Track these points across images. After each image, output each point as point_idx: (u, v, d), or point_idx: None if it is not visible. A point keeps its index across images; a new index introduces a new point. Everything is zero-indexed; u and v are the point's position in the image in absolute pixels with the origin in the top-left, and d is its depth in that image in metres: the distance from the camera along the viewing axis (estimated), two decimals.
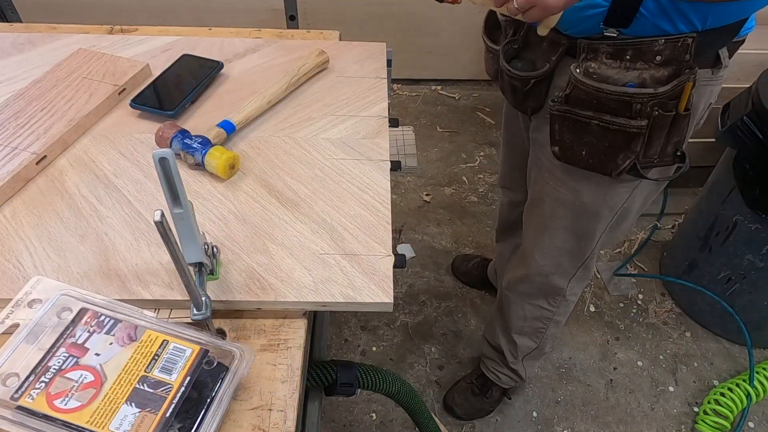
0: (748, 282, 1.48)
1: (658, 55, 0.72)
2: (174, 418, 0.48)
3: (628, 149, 0.79)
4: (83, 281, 0.61)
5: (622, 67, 0.74)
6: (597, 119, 0.78)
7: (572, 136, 0.83)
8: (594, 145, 0.81)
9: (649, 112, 0.75)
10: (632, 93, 0.74)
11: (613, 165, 0.82)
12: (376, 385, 0.79)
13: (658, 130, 0.77)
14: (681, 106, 0.75)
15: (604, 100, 0.76)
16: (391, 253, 0.65)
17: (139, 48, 0.96)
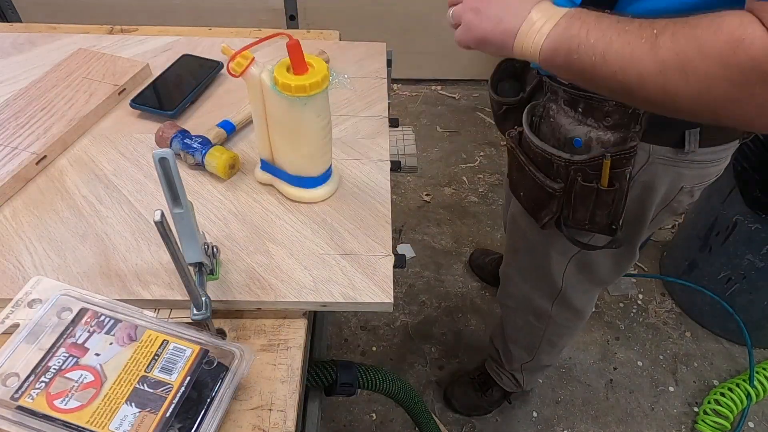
0: (748, 282, 1.48)
1: (607, 116, 0.67)
2: (174, 418, 0.48)
3: (547, 207, 0.78)
4: (83, 281, 0.61)
5: (576, 118, 0.71)
6: (528, 168, 0.77)
7: (516, 175, 0.83)
8: (528, 191, 0.81)
9: (570, 176, 0.72)
10: (551, 153, 0.72)
11: (539, 216, 0.81)
12: (376, 385, 0.79)
13: (579, 197, 0.73)
14: (602, 181, 0.70)
15: (534, 151, 0.75)
16: (391, 253, 0.65)
17: (139, 48, 0.96)
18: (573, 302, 1.04)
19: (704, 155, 0.71)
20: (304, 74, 0.59)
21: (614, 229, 0.75)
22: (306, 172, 0.68)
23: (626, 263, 0.92)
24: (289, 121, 0.62)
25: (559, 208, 0.76)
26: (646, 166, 0.72)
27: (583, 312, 1.08)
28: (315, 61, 0.61)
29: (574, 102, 0.70)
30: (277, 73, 0.59)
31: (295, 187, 0.70)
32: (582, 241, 0.82)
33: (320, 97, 0.61)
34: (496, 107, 0.88)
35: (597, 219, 0.75)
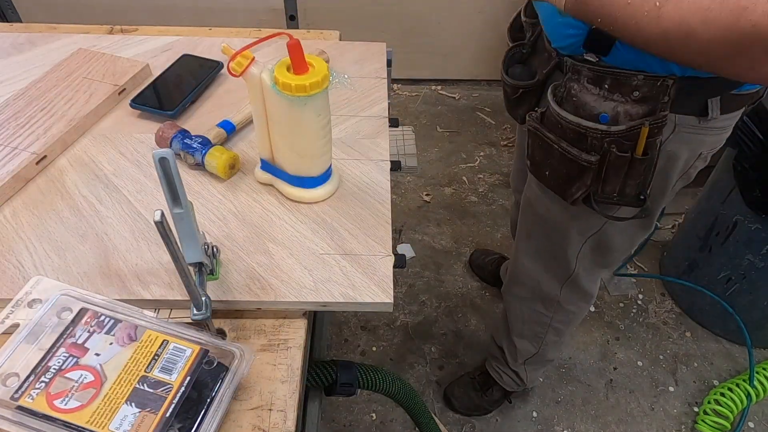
0: (748, 282, 1.48)
1: (635, 90, 0.69)
2: (174, 418, 0.48)
3: (580, 180, 0.78)
4: (83, 281, 0.61)
5: (601, 95, 0.72)
6: (557, 144, 0.77)
7: (541, 154, 0.83)
8: (555, 169, 0.81)
9: (605, 148, 0.73)
10: (586, 126, 0.73)
11: (568, 192, 0.81)
12: (376, 385, 0.79)
13: (613, 168, 0.74)
14: (638, 149, 0.71)
15: (564, 127, 0.75)
16: (391, 253, 0.65)
17: (139, 48, 0.96)
18: (582, 284, 1.06)
19: (722, 121, 0.74)
20: (305, 74, 0.59)
21: (643, 200, 0.78)
22: (306, 171, 0.68)
23: (640, 237, 0.95)
24: (289, 121, 0.62)
25: (593, 180, 0.77)
26: (672, 135, 0.74)
27: (590, 294, 1.10)
28: (315, 61, 0.61)
29: (599, 79, 0.71)
30: (278, 73, 0.59)
31: (295, 187, 0.70)
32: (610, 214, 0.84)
33: (320, 96, 0.61)
34: (510, 91, 0.88)
35: (627, 190, 0.77)
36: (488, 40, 2.34)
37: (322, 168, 0.69)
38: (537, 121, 0.80)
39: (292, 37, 0.58)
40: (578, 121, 0.73)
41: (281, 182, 0.71)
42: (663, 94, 0.68)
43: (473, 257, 1.79)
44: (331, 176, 0.72)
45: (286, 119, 0.62)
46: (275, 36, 0.62)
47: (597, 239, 0.94)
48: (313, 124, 0.63)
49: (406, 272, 1.79)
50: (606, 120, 0.72)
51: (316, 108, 0.61)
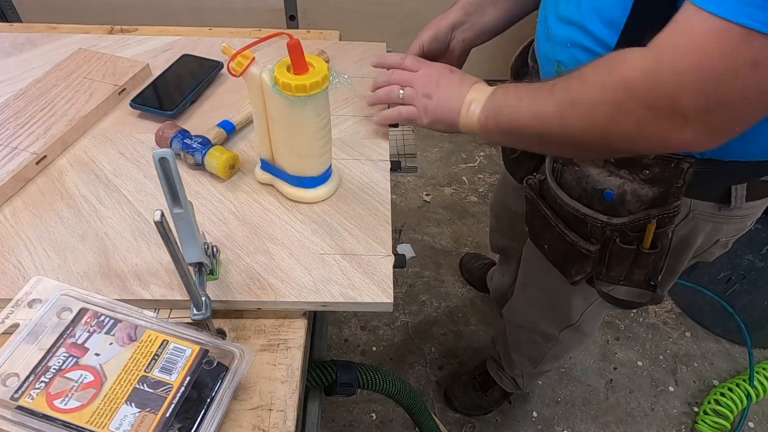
0: (748, 282, 1.48)
1: (645, 169, 0.62)
2: (174, 418, 0.48)
3: (580, 266, 0.72)
4: (83, 281, 0.61)
5: (606, 169, 0.65)
6: (555, 223, 0.72)
7: (539, 227, 0.78)
8: (554, 246, 0.75)
9: (607, 236, 0.67)
10: (584, 213, 0.67)
11: (569, 273, 0.75)
12: (376, 385, 0.79)
13: (617, 258, 0.68)
14: (645, 243, 0.65)
15: (562, 208, 0.70)
16: (391, 253, 0.65)
17: (139, 48, 0.95)
18: (585, 330, 1.02)
19: (747, 209, 0.67)
20: (305, 74, 0.59)
21: (653, 285, 0.71)
22: (306, 171, 0.68)
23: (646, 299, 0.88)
24: (289, 121, 0.62)
25: (594, 268, 0.71)
26: (684, 221, 0.68)
27: (591, 334, 1.07)
28: (315, 61, 0.61)
29: None
30: (278, 73, 0.59)
31: (295, 187, 0.70)
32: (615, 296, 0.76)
33: (320, 96, 0.61)
34: (509, 151, 0.87)
35: (634, 276, 0.71)
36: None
37: (322, 168, 0.69)
38: (535, 191, 0.76)
39: (292, 37, 0.58)
40: (576, 206, 0.68)
41: (281, 182, 0.71)
42: (677, 178, 0.60)
43: (464, 260, 1.78)
44: (331, 176, 0.72)
45: (286, 119, 0.62)
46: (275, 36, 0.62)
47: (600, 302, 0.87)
48: (313, 124, 0.63)
49: (406, 272, 1.79)
50: (611, 197, 0.65)
51: (316, 108, 0.61)
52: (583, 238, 0.69)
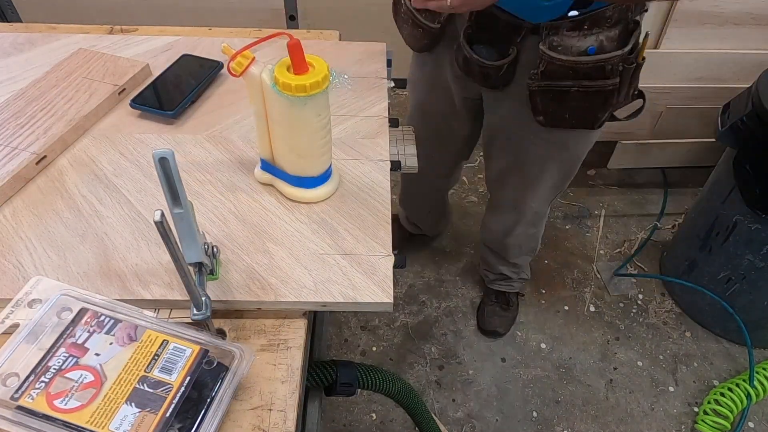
0: (748, 282, 1.48)
1: (609, 19, 0.83)
2: (174, 418, 0.48)
3: (606, 104, 0.91)
4: (83, 281, 0.61)
5: (581, 35, 0.84)
6: (576, 86, 0.88)
7: (555, 104, 0.93)
8: (576, 108, 0.93)
9: (619, 70, 0.87)
10: (605, 59, 0.85)
11: (595, 119, 0.95)
12: (376, 385, 0.79)
13: (625, 81, 0.90)
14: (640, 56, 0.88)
15: (581, 69, 0.86)
16: (391, 253, 0.65)
17: (139, 48, 0.95)
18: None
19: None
20: (305, 74, 0.59)
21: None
22: (305, 171, 0.68)
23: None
24: (289, 121, 0.62)
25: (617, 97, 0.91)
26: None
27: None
28: (315, 61, 0.61)
29: (578, 25, 0.83)
30: (278, 73, 0.59)
31: (295, 187, 0.70)
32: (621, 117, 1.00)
33: (320, 96, 0.61)
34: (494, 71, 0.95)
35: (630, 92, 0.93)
36: None
37: (322, 168, 0.69)
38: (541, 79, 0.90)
39: (292, 37, 0.58)
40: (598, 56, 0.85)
41: (281, 182, 0.71)
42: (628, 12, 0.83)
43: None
44: (331, 176, 0.72)
45: (286, 119, 0.62)
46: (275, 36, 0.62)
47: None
48: (313, 124, 0.63)
49: (406, 272, 1.79)
50: (593, 51, 0.85)
51: (316, 108, 0.61)
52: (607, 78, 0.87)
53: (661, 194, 2.05)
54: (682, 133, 1.83)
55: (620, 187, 2.09)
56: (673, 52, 1.58)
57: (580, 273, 1.81)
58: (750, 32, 1.56)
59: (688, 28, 1.52)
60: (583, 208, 2.01)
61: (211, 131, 0.81)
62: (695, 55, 1.59)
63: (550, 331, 1.66)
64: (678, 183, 2.08)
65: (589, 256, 1.86)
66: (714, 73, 1.65)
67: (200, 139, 0.79)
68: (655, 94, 1.68)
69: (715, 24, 1.52)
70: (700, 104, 1.72)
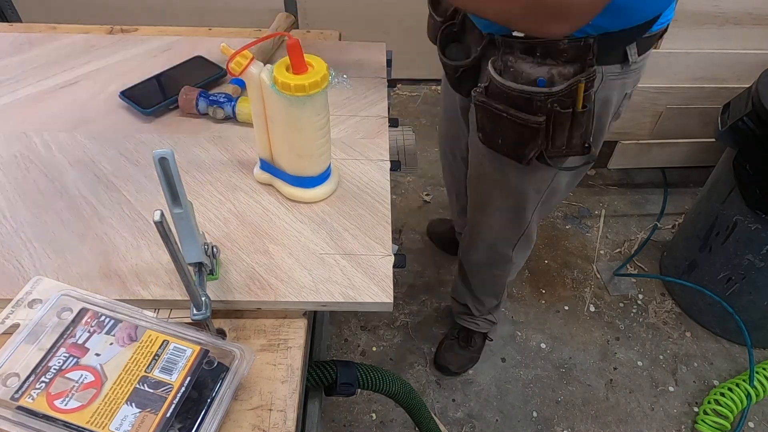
0: (748, 282, 1.48)
1: (564, 53, 0.77)
2: (174, 418, 0.48)
3: (533, 141, 0.85)
4: (83, 281, 0.61)
5: (535, 62, 0.79)
6: (506, 113, 0.84)
7: (491, 125, 0.89)
8: (507, 136, 0.88)
9: (549, 108, 0.81)
10: (530, 91, 0.80)
11: (522, 154, 0.89)
12: (376, 385, 0.79)
13: (559, 125, 0.83)
14: (578, 104, 0.80)
15: (511, 95, 0.82)
16: (391, 253, 0.65)
17: (139, 48, 0.96)
18: (531, 236, 1.19)
19: (640, 62, 0.85)
20: (304, 74, 0.59)
21: (587, 147, 0.87)
22: (305, 171, 0.68)
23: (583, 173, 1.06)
24: (289, 121, 0.62)
25: (543, 139, 0.85)
26: (601, 84, 0.84)
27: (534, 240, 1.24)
28: (314, 61, 0.61)
29: (531, 49, 0.79)
30: (277, 73, 0.59)
31: (294, 187, 0.70)
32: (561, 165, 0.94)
33: (319, 96, 0.61)
34: (451, 71, 0.95)
35: (573, 141, 0.86)
36: None
37: (321, 168, 0.69)
38: (483, 95, 0.87)
39: (291, 37, 0.58)
40: (522, 88, 0.81)
41: (280, 182, 0.71)
42: (587, 52, 0.77)
43: (430, 227, 1.87)
44: (331, 176, 0.72)
45: (285, 119, 0.62)
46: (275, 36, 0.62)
47: (549, 191, 1.05)
48: (313, 123, 0.63)
49: (406, 272, 1.79)
50: (543, 84, 0.80)
51: (315, 108, 0.61)
52: (532, 114, 0.82)
53: (661, 194, 2.05)
54: (682, 133, 1.83)
55: (620, 187, 2.09)
56: (673, 52, 1.58)
57: (580, 273, 1.81)
58: (750, 32, 1.56)
59: (688, 28, 1.52)
60: (583, 208, 2.01)
61: (211, 131, 0.81)
62: (695, 55, 1.59)
63: (550, 331, 1.66)
64: (678, 183, 2.08)
65: (589, 256, 1.86)
66: (714, 73, 1.65)
67: (200, 139, 0.79)
68: (655, 94, 1.68)
69: (715, 24, 1.52)
70: (700, 104, 1.72)
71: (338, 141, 0.80)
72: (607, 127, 0.94)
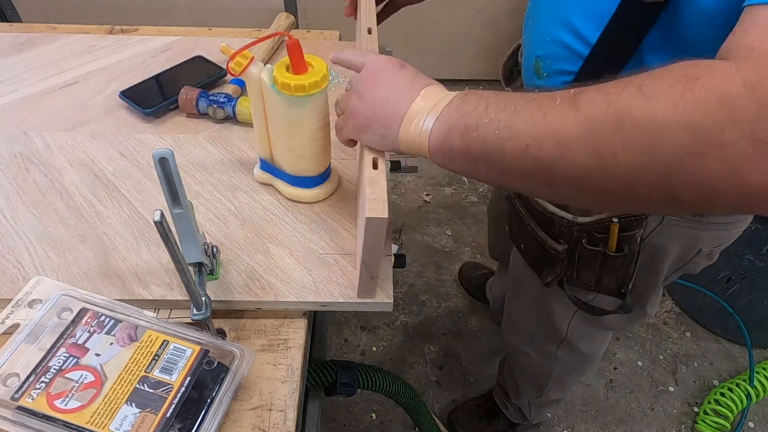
0: (748, 282, 1.48)
1: None
2: (174, 418, 0.48)
3: (551, 267, 0.70)
4: (83, 281, 0.61)
5: None
6: (528, 222, 0.71)
7: (516, 225, 0.77)
8: (528, 246, 0.74)
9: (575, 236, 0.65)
10: (551, 211, 0.66)
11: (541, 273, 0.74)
12: (376, 385, 0.79)
13: (585, 261, 0.67)
14: (610, 245, 0.63)
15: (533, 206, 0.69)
16: (391, 253, 0.65)
17: (139, 48, 0.95)
18: (581, 348, 0.97)
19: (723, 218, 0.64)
20: (304, 74, 0.59)
21: (623, 293, 0.69)
22: (305, 171, 0.68)
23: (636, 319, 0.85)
24: (289, 121, 0.62)
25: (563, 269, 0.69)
26: (659, 229, 0.65)
27: (592, 355, 1.01)
28: (314, 61, 0.61)
29: None
30: (277, 73, 0.59)
31: (294, 187, 0.70)
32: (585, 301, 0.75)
33: (320, 96, 0.61)
34: None
35: (604, 282, 0.69)
36: (488, 40, 2.34)
37: (320, 167, 0.69)
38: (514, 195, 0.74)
39: (291, 36, 0.58)
40: (544, 204, 0.67)
41: (280, 182, 0.71)
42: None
43: (462, 270, 1.74)
44: (331, 176, 0.72)
45: (285, 119, 0.62)
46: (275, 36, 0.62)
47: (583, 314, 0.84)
48: (312, 123, 0.63)
49: (406, 272, 1.79)
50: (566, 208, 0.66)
51: (315, 108, 0.61)
52: (552, 237, 0.68)
53: None
54: None
55: None
56: None
57: None
58: None
59: None
60: None
61: (211, 131, 0.81)
62: None
63: None
64: None
65: None
66: None
67: (200, 139, 0.79)
68: None
69: None
70: None
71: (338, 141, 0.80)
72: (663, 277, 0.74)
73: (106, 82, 0.88)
